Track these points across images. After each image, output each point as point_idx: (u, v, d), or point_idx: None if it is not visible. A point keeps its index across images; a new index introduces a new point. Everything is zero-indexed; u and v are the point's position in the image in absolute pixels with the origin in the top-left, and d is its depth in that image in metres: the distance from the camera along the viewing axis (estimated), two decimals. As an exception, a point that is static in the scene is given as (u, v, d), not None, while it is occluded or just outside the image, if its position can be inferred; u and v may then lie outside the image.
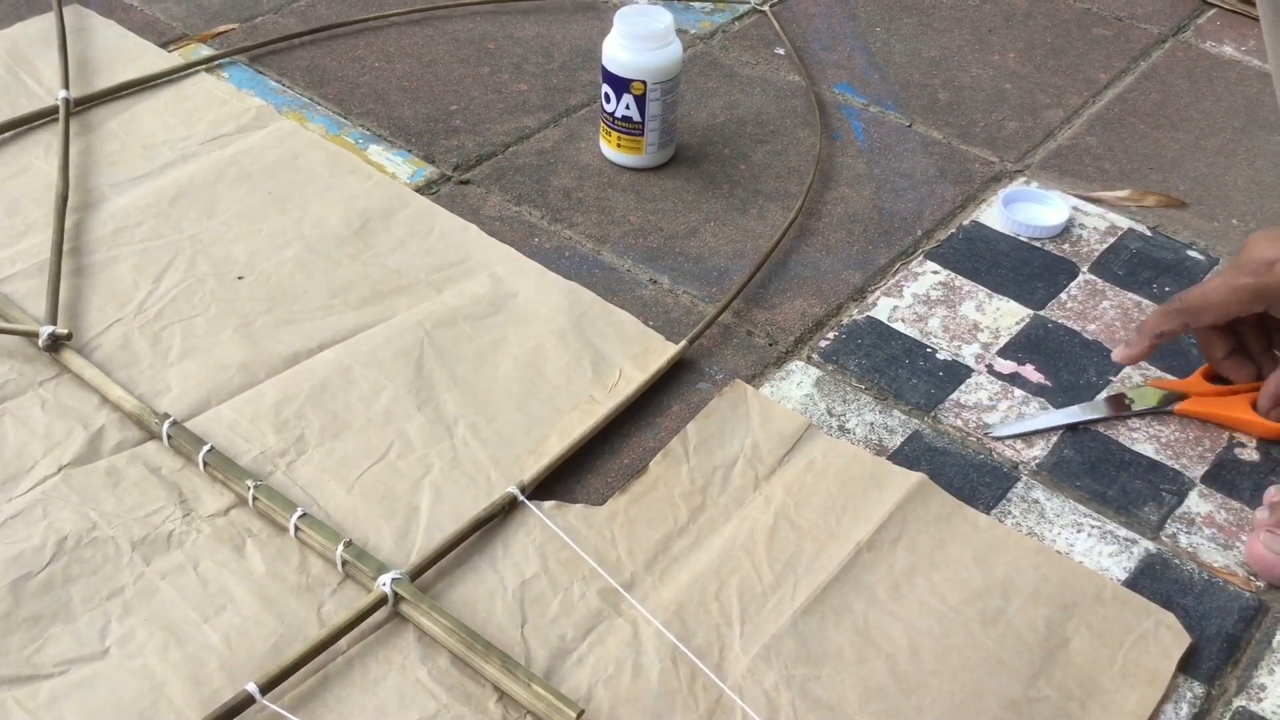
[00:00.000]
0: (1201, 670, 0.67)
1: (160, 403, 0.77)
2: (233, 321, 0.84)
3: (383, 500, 0.73)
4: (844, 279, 0.93)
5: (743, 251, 0.95)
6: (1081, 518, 0.75)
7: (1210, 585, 0.71)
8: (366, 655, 0.64)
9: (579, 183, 1.01)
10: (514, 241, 0.94)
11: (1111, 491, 0.76)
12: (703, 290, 0.91)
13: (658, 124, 1.00)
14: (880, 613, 0.68)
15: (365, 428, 0.77)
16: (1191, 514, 0.75)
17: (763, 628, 0.67)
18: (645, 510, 0.73)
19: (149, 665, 0.63)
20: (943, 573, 0.70)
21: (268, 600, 0.66)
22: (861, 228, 0.98)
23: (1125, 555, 0.72)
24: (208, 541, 0.69)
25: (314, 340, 0.83)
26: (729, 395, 0.80)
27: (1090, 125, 1.13)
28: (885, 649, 0.66)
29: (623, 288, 0.90)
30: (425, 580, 0.68)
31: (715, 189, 1.01)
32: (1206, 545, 0.74)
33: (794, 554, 0.71)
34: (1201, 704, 0.65)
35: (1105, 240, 0.98)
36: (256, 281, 0.88)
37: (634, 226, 0.97)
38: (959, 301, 0.91)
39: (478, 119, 1.08)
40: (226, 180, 0.97)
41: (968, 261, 0.95)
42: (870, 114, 1.12)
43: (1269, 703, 0.65)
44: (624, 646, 0.66)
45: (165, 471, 0.73)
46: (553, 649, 0.66)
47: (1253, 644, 0.68)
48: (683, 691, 0.64)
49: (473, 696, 0.63)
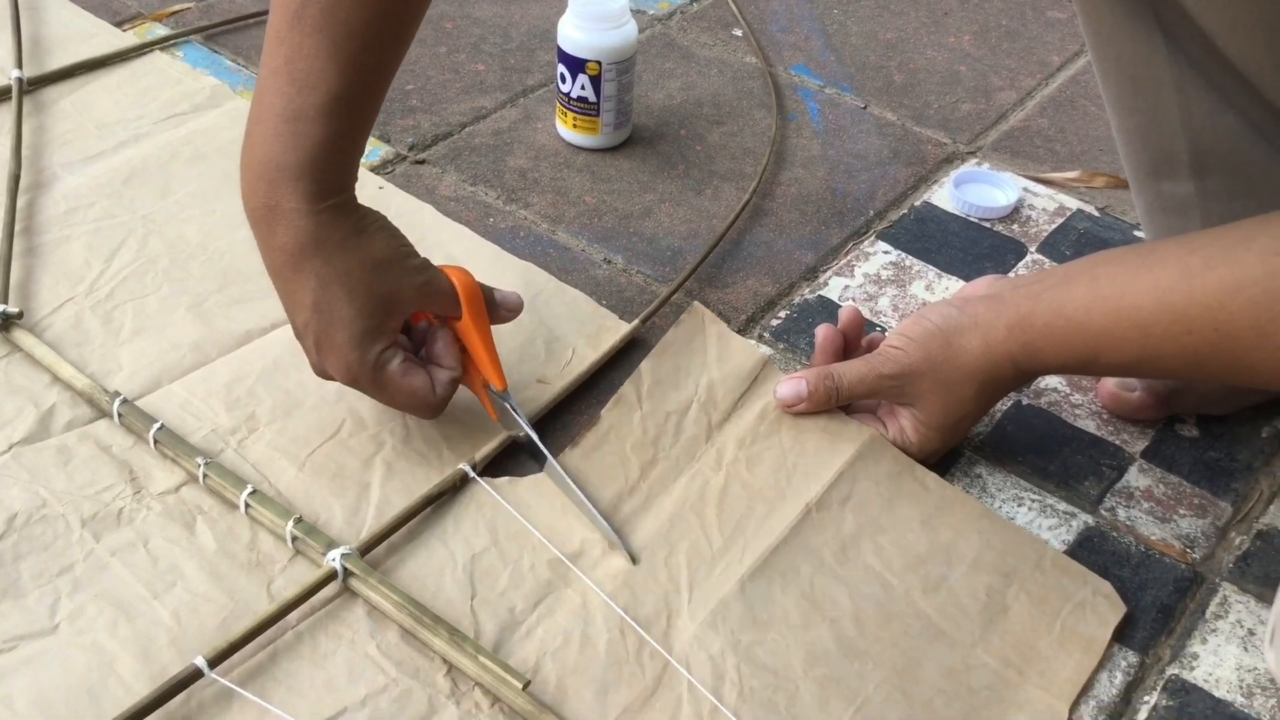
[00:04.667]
0: (1136, 640, 0.68)
1: (111, 381, 0.77)
2: (185, 301, 0.84)
3: (334, 478, 0.73)
4: (796, 259, 0.94)
5: (697, 232, 0.95)
6: (1022, 492, 0.76)
7: (1147, 557, 0.73)
8: (316, 630, 0.65)
9: (535, 163, 1.01)
10: (469, 222, 0.94)
11: (1053, 466, 0.78)
12: (656, 270, 0.92)
13: (613, 104, 1.00)
14: (826, 577, 0.69)
15: (317, 406, 0.77)
16: (1131, 488, 0.77)
17: (710, 593, 0.68)
18: (596, 466, 0.73)
19: (98, 641, 0.63)
20: (889, 536, 0.71)
21: (218, 577, 0.67)
22: (815, 208, 0.99)
23: (1064, 528, 0.74)
24: (158, 519, 0.69)
25: (266, 319, 0.83)
26: (686, 324, 0.80)
27: (1042, 107, 1.14)
28: (830, 613, 0.67)
29: (577, 268, 0.91)
30: (375, 556, 0.69)
31: (671, 170, 1.02)
32: (1144, 519, 0.75)
33: (744, 515, 0.72)
34: (1136, 672, 0.67)
35: (1054, 221, 0.99)
36: (209, 260, 0.88)
37: (589, 207, 0.97)
38: (909, 281, 0.92)
39: (434, 99, 1.08)
40: (180, 160, 0.97)
41: (918, 242, 0.96)
42: (826, 95, 1.13)
43: (1201, 671, 0.67)
44: (572, 617, 0.67)
45: (116, 449, 0.73)
46: (502, 621, 0.66)
47: (1187, 614, 0.70)
48: (629, 661, 0.65)
49: (421, 670, 0.64)
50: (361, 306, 0.68)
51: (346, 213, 0.68)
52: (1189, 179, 0.73)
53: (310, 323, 0.68)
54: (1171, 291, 0.63)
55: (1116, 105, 0.75)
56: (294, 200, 0.66)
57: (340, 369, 0.69)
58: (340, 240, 0.67)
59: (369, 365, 0.68)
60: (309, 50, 0.64)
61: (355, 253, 0.68)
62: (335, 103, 0.65)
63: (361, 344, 0.68)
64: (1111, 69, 0.73)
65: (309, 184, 0.66)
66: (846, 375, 0.75)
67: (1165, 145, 0.73)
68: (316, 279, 0.67)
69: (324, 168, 0.66)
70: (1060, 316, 0.68)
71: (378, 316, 0.68)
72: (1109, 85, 0.74)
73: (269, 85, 0.66)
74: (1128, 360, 0.66)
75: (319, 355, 0.69)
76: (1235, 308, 0.60)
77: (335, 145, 0.66)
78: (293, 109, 0.65)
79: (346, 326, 0.67)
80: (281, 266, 0.68)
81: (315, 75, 0.65)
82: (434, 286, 0.71)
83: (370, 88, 0.68)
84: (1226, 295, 0.60)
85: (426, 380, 0.71)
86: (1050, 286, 0.69)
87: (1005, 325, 0.70)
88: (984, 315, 0.71)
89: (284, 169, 0.66)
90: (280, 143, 0.66)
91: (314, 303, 0.67)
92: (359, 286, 0.67)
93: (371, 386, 0.70)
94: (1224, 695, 0.66)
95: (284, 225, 0.67)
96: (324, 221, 0.67)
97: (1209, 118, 0.70)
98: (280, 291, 0.70)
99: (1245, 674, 0.67)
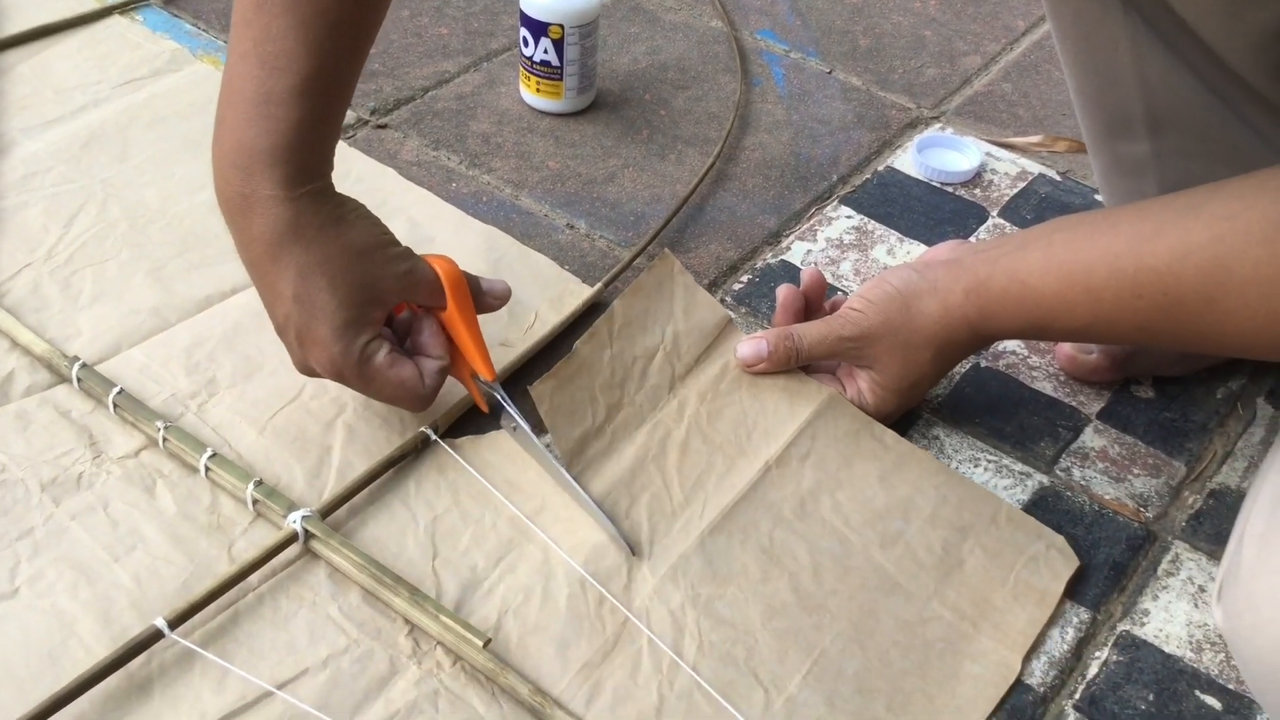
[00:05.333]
0: (1088, 596, 0.69)
1: (71, 347, 0.77)
2: (144, 266, 0.84)
3: (295, 441, 0.73)
4: (759, 224, 0.94)
5: (660, 197, 0.96)
6: (979, 452, 0.77)
7: (1100, 516, 0.74)
8: (277, 592, 0.65)
9: (498, 128, 1.01)
10: (432, 186, 0.94)
11: (1009, 428, 0.79)
12: (619, 235, 0.92)
13: (576, 68, 1.00)
14: (785, 532, 0.70)
15: (277, 370, 0.77)
16: (1086, 449, 0.78)
17: (671, 548, 0.69)
18: (567, 400, 0.73)
19: (59, 604, 0.63)
20: (847, 491, 0.72)
21: (178, 540, 0.67)
22: (778, 173, 1.00)
23: (1020, 488, 0.75)
24: (118, 483, 0.69)
25: (226, 284, 0.83)
26: (656, 270, 0.80)
27: (1006, 72, 1.14)
28: (789, 568, 0.68)
29: (540, 232, 0.91)
30: (337, 518, 0.69)
31: (635, 135, 1.02)
32: (1099, 478, 0.76)
33: (704, 470, 0.72)
34: (1087, 628, 0.68)
35: (1015, 185, 1.00)
36: (169, 225, 0.87)
37: (552, 172, 0.97)
38: (871, 246, 0.93)
39: (396, 63, 1.07)
40: (140, 124, 0.96)
41: (881, 206, 0.97)
42: (791, 60, 1.13)
43: (1151, 627, 0.68)
44: (534, 574, 0.67)
45: (75, 414, 0.73)
46: (464, 580, 0.67)
47: (1139, 571, 0.71)
48: (590, 616, 0.65)
49: (383, 631, 0.64)
50: (344, 297, 0.65)
51: (325, 199, 0.67)
52: (1145, 139, 0.74)
53: (291, 315, 0.66)
54: (1122, 257, 0.63)
55: (1073, 65, 0.76)
56: (270, 187, 0.64)
57: (325, 363, 0.67)
58: (319, 227, 0.65)
59: (354, 357, 0.66)
60: (278, 32, 0.63)
61: (336, 240, 0.66)
62: (307, 84, 0.64)
63: (345, 336, 0.66)
64: (1068, 29, 0.74)
65: (285, 169, 0.64)
66: (807, 336, 0.75)
67: (1121, 105, 0.74)
68: (296, 269, 0.65)
69: (299, 152, 0.65)
70: (1015, 281, 0.68)
71: (361, 307, 0.66)
72: (1066, 46, 0.75)
73: (238, 70, 0.64)
74: (1080, 325, 0.67)
75: (302, 349, 0.67)
76: (1183, 273, 0.61)
77: (310, 128, 0.65)
78: (264, 92, 0.63)
79: (329, 318, 0.65)
80: (259, 257, 0.66)
81: (286, 57, 0.63)
82: (417, 275, 0.69)
83: (342, 67, 0.66)
84: (1175, 261, 0.61)
85: (414, 371, 0.69)
86: (1007, 252, 0.69)
87: (963, 290, 0.70)
88: (943, 280, 0.71)
89: (258, 154, 0.64)
90: (253, 127, 0.64)
91: (294, 294, 0.65)
92: (341, 275, 0.65)
93: (358, 380, 0.68)
94: (1173, 650, 0.67)
95: (260, 213, 0.65)
96: (302, 208, 0.65)
97: (1164, 77, 0.71)
98: (258, 284, 0.68)
99: (1195, 630, 0.68)
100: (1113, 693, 0.65)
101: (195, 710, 0.59)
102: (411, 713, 0.61)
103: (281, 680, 0.61)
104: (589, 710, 0.61)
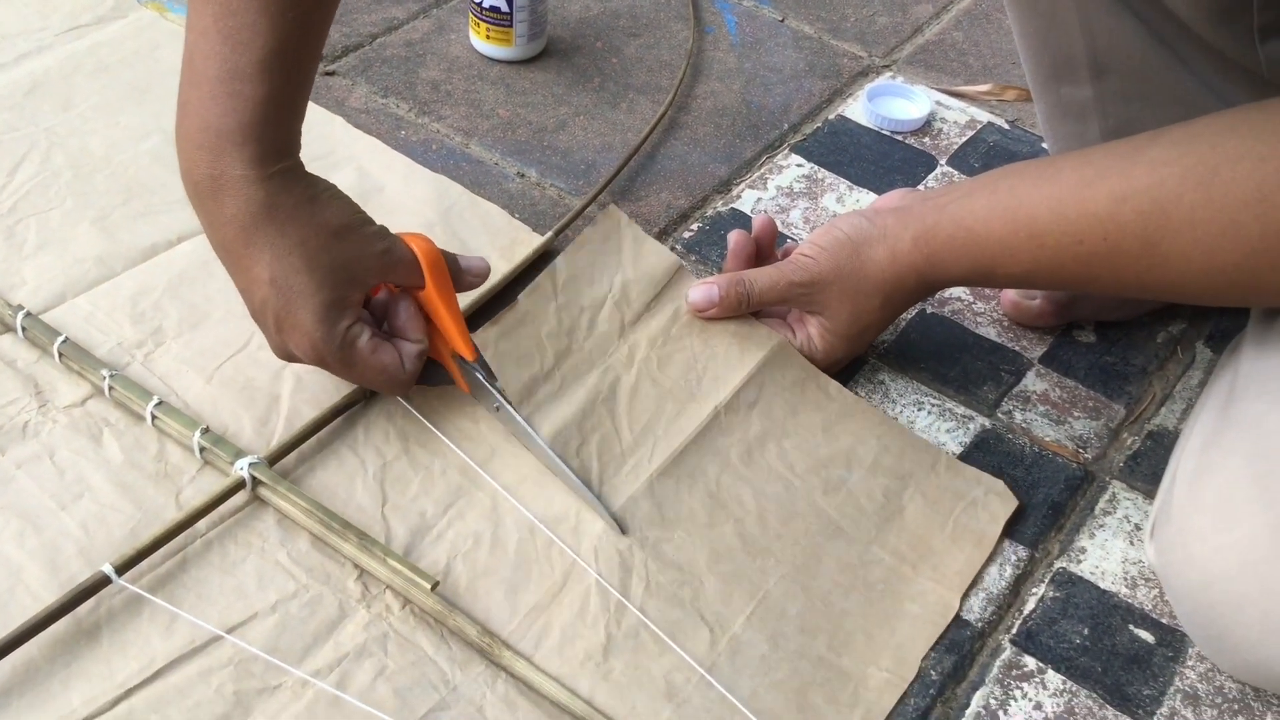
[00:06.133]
0: (1026, 536, 0.71)
1: (15, 296, 0.76)
2: (89, 214, 0.83)
3: (243, 390, 0.73)
4: (710, 172, 0.95)
5: (611, 145, 0.96)
6: (923, 396, 0.78)
7: (1040, 457, 0.75)
8: (225, 538, 0.66)
9: (448, 75, 1.01)
10: (381, 134, 0.93)
11: (953, 372, 0.80)
12: (570, 183, 0.92)
13: (526, 15, 0.99)
14: (732, 477, 0.71)
15: (225, 319, 0.77)
16: (1028, 392, 0.79)
17: (620, 489, 0.69)
18: (513, 347, 0.73)
19: (5, 552, 0.63)
20: (793, 440, 0.73)
21: (125, 488, 0.67)
22: (730, 121, 1.00)
23: (962, 431, 0.76)
24: (64, 431, 0.69)
25: (172, 232, 0.82)
26: (602, 224, 0.80)
27: (958, 20, 1.15)
28: (735, 513, 0.69)
29: (490, 181, 0.91)
30: (285, 465, 0.69)
31: (586, 83, 1.02)
32: (1040, 421, 0.78)
33: (654, 414, 0.73)
34: (1025, 565, 0.69)
35: (964, 134, 1.01)
36: (113, 174, 0.86)
37: (503, 120, 0.97)
38: (820, 194, 0.93)
39: (344, 8, 1.06)
40: (84, 72, 0.95)
41: (831, 155, 0.97)
42: (744, 8, 1.13)
43: (1087, 564, 0.70)
44: (483, 520, 0.68)
45: (20, 364, 0.73)
46: (413, 526, 0.67)
47: (1076, 511, 0.73)
48: (539, 560, 0.66)
49: (332, 576, 0.65)
50: (323, 279, 0.64)
51: (296, 178, 0.65)
52: (1087, 82, 0.75)
53: (269, 300, 0.64)
54: (1065, 202, 0.64)
55: (1017, 7, 0.76)
56: (240, 167, 0.62)
57: (305, 348, 0.65)
58: (293, 207, 0.63)
59: (336, 342, 0.65)
60: (236, 5, 0.61)
61: (310, 220, 0.64)
62: (273, 58, 0.61)
63: (326, 319, 0.64)
64: None
65: (254, 147, 0.62)
66: (758, 282, 0.76)
67: (1064, 48, 0.74)
68: (271, 251, 0.63)
69: (267, 129, 0.62)
70: (961, 228, 0.69)
71: (340, 289, 0.65)
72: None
73: (199, 48, 0.62)
74: (1024, 270, 0.68)
75: (280, 334, 0.65)
76: (1124, 217, 0.62)
77: (277, 104, 0.63)
78: (228, 69, 0.61)
79: (308, 300, 0.63)
80: (231, 241, 0.64)
81: (248, 30, 0.61)
82: (395, 255, 0.67)
83: (307, 37, 0.64)
84: (1115, 205, 0.62)
85: (395, 356, 0.68)
86: (955, 199, 0.70)
87: (911, 237, 0.71)
88: (892, 227, 0.72)
89: (225, 134, 0.62)
90: (218, 105, 0.62)
91: (270, 277, 0.63)
92: (318, 256, 0.64)
93: (339, 365, 0.66)
94: (1108, 587, 0.69)
95: (231, 195, 0.63)
96: (274, 188, 0.63)
97: (1106, 20, 0.71)
98: (232, 269, 0.65)
99: (1130, 567, 0.70)
100: (1048, 627, 0.66)
101: (144, 654, 0.60)
102: (361, 655, 0.61)
103: (230, 625, 0.62)
104: (537, 650, 0.62)
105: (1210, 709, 0.63)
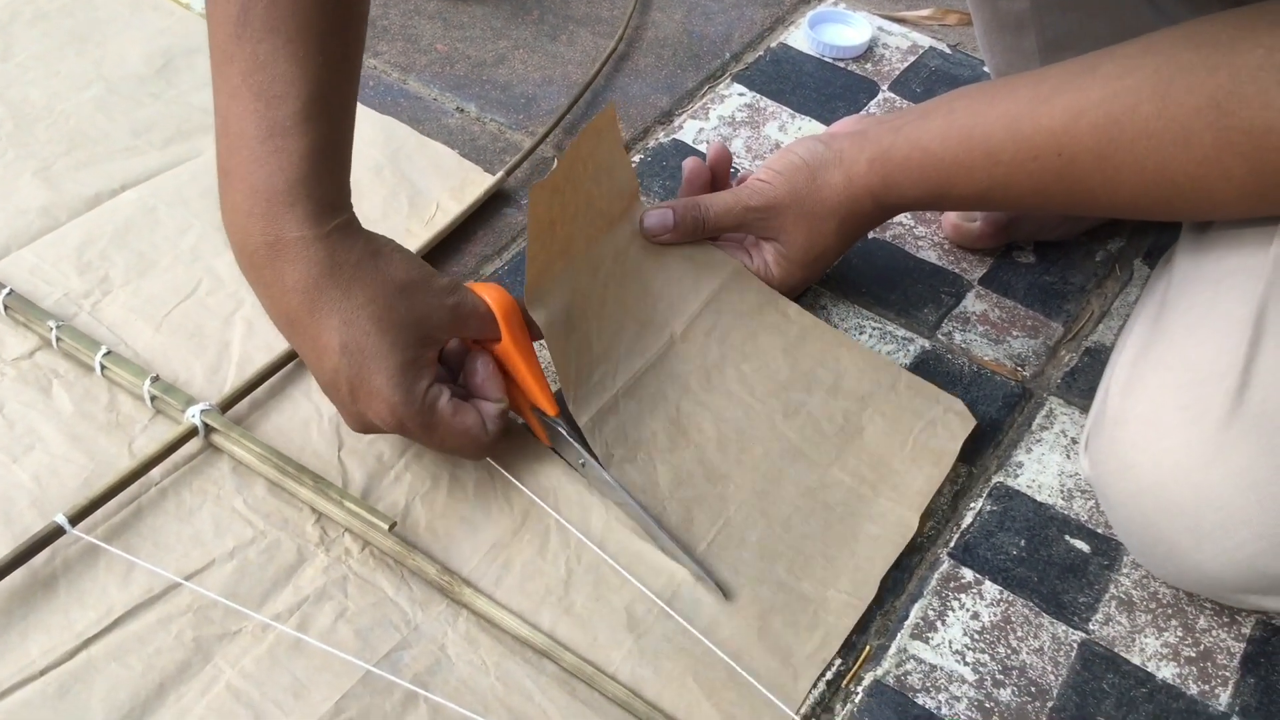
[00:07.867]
0: (965, 452, 0.73)
1: (-43, 251, 0.76)
2: (31, 165, 0.82)
3: (193, 337, 0.73)
4: (651, 103, 0.95)
5: (551, 79, 0.95)
6: (864, 320, 0.80)
7: (979, 376, 0.77)
8: (181, 486, 0.66)
9: (384, 10, 1.00)
10: (321, 75, 0.92)
11: (894, 296, 0.81)
12: (510, 118, 0.92)
13: (463, -50, 0.98)
14: (692, 403, 0.72)
15: (172, 266, 0.77)
16: (967, 313, 0.81)
17: (589, 400, 0.69)
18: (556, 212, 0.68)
19: (-40, 507, 0.64)
20: (752, 364, 0.74)
21: (77, 438, 0.67)
22: (671, 52, 1.00)
23: (902, 352, 0.78)
24: (12, 384, 0.70)
25: (116, 181, 0.82)
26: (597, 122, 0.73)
27: (898, -57, 1.14)
28: (695, 439, 0.70)
29: (429, 116, 0.91)
30: (239, 412, 0.70)
31: (525, 15, 1.01)
32: (979, 341, 0.79)
33: (618, 329, 0.72)
34: (963, 481, 0.72)
35: (906, 59, 1.01)
36: (55, 124, 0.86)
37: (441, 55, 0.96)
38: (763, 123, 0.94)
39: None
40: (22, 21, 0.94)
41: (773, 84, 0.98)
42: (683, -64, 1.12)
43: (1024, 478, 0.72)
44: (441, 461, 0.69)
45: (-34, 319, 0.73)
46: (370, 470, 0.68)
47: (1014, 427, 0.75)
48: (498, 499, 0.67)
49: (290, 521, 0.66)
50: (395, 338, 0.60)
51: (355, 234, 0.61)
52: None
53: (341, 369, 0.60)
54: (1020, 119, 0.65)
55: None
56: (295, 228, 0.59)
57: (384, 414, 0.61)
58: (355, 265, 0.60)
59: (416, 406, 0.61)
60: (265, 57, 0.58)
61: (375, 278, 0.60)
62: (311, 105, 0.58)
63: (404, 382, 0.60)
64: None
65: (307, 205, 0.59)
66: (713, 207, 0.76)
67: None
68: (339, 315, 0.59)
69: (318, 184, 0.59)
70: (917, 149, 0.70)
71: (414, 348, 0.61)
72: None
73: (232, 111, 0.59)
74: (979, 190, 0.69)
75: (356, 404, 0.61)
76: (1078, 131, 0.62)
77: (324, 155, 0.59)
78: (266, 126, 0.58)
79: (382, 363, 0.60)
80: (296, 310, 0.60)
81: (281, 82, 0.58)
82: (467, 308, 0.64)
83: (342, 80, 0.61)
84: (1070, 120, 0.63)
85: (477, 417, 0.64)
86: (910, 121, 0.71)
87: (866, 160, 0.72)
88: (848, 151, 0.73)
89: (275, 196, 0.58)
90: (264, 167, 0.58)
91: (340, 344, 0.59)
92: (387, 315, 0.60)
93: (421, 430, 0.62)
94: (1045, 499, 0.71)
95: (290, 261, 0.59)
96: (334, 246, 0.59)
97: None
98: (298, 342, 0.61)
99: (1066, 479, 0.72)
100: (986, 540, 0.69)
101: (102, 603, 0.61)
102: (320, 598, 0.62)
103: (189, 572, 0.62)
104: (498, 587, 0.64)
105: (1144, 614, 0.66)
